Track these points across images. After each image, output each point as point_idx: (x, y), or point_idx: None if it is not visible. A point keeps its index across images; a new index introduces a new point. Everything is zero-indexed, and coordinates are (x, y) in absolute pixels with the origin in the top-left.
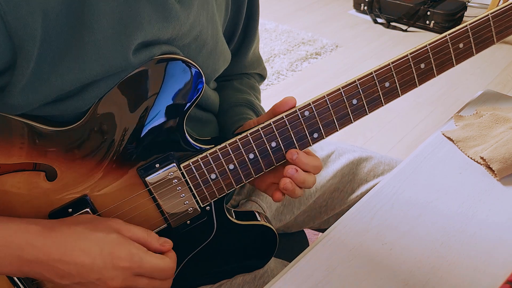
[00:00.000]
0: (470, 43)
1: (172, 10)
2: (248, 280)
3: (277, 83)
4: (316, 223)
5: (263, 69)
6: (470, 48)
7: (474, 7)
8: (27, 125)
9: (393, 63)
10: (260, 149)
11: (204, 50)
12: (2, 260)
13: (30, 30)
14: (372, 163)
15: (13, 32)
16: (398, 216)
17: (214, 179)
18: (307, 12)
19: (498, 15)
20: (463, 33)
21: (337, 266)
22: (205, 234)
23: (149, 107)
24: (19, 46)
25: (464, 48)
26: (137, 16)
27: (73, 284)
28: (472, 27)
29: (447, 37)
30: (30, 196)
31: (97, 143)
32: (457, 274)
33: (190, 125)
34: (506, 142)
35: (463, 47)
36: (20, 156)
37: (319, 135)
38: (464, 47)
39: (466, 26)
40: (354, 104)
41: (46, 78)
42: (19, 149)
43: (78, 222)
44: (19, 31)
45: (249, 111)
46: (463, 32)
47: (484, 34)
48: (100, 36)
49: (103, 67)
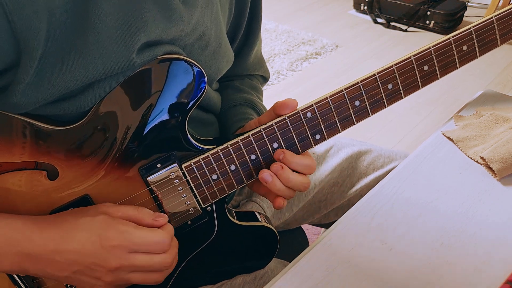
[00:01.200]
0: (474, 45)
1: (176, 10)
2: (249, 281)
3: (277, 83)
4: (316, 218)
5: (266, 71)
6: (474, 51)
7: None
8: (29, 124)
9: (396, 65)
10: (262, 150)
11: (207, 50)
12: (3, 257)
13: (35, 29)
14: (371, 156)
15: (18, 31)
16: (398, 216)
17: (215, 180)
18: (307, 12)
19: (503, 17)
20: (467, 36)
21: (337, 266)
22: (206, 234)
23: (151, 107)
24: (24, 45)
25: (467, 51)
26: (141, 16)
27: (72, 274)
28: (476, 30)
29: (450, 39)
30: (31, 195)
31: (99, 142)
32: (457, 274)
33: (191, 126)
34: (506, 142)
35: (466, 50)
36: (22, 155)
37: (321, 136)
38: (468, 50)
39: (470, 29)
40: (356, 106)
41: (50, 77)
42: (20, 148)
43: (70, 213)
44: (24, 30)
45: (250, 110)
46: (467, 35)
47: (488, 36)
48: (104, 36)
49: (106, 67)
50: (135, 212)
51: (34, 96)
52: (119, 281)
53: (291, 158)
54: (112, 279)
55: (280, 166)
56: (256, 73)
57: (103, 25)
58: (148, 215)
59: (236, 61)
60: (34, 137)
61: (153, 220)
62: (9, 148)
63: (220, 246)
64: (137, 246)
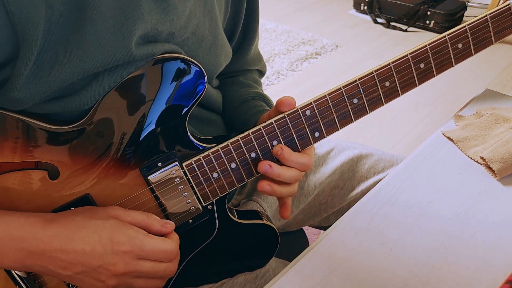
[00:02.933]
0: (469, 43)
1: (170, 1)
2: (250, 279)
3: (277, 83)
4: (316, 221)
5: (263, 66)
6: (469, 48)
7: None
8: (29, 124)
9: (393, 63)
10: (262, 147)
11: (203, 45)
12: (6, 253)
13: (33, 19)
14: (372, 160)
15: (16, 22)
16: (398, 216)
17: (216, 178)
18: (307, 12)
19: (496, 15)
20: (462, 33)
21: (337, 266)
22: (207, 233)
23: (151, 106)
24: (22, 36)
25: (463, 48)
26: (138, 6)
27: (76, 274)
28: (470, 28)
29: (446, 37)
30: (32, 195)
31: (99, 142)
32: (457, 274)
33: (191, 124)
34: (506, 142)
35: (462, 47)
36: (22, 154)
37: (320, 134)
38: (463, 47)
39: (465, 27)
40: (355, 103)
41: (48, 69)
42: (20, 148)
43: (77, 212)
44: (22, 20)
45: (262, 103)
46: (462, 33)
47: (483, 34)
48: (101, 26)
49: (105, 58)
50: (145, 217)
51: (33, 90)
52: (122, 286)
53: (288, 156)
54: (115, 283)
55: (268, 165)
56: (255, 67)
57: (100, 15)
58: (157, 222)
59: (235, 57)
60: (34, 137)
61: (161, 227)
62: (9, 148)
63: (221, 245)
64: (146, 253)
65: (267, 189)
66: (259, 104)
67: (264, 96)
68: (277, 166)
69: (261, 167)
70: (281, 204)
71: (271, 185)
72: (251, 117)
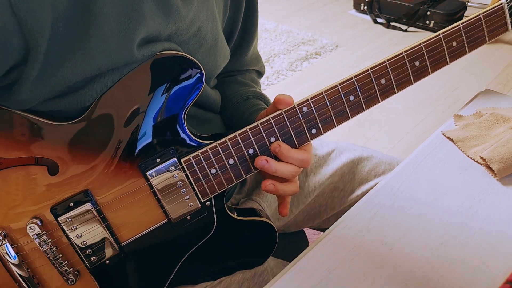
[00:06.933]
0: (463, 41)
1: (174, 6)
2: (248, 277)
3: (277, 83)
4: (316, 223)
5: (262, 66)
6: (463, 47)
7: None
8: (29, 120)
9: (389, 60)
10: (260, 144)
11: (203, 46)
12: None
13: (40, 22)
14: (373, 163)
15: (23, 25)
16: (398, 216)
17: (214, 174)
18: (306, 12)
19: (489, 15)
20: (456, 32)
21: (337, 266)
22: (205, 229)
23: (150, 103)
24: (30, 39)
25: (457, 47)
26: (141, 10)
27: None
28: (464, 26)
29: (440, 35)
30: (32, 190)
31: (99, 137)
32: (457, 274)
33: (190, 123)
34: (506, 142)
35: (456, 46)
36: (22, 150)
37: (317, 130)
38: (457, 46)
39: (459, 25)
40: (351, 101)
41: (54, 72)
42: (20, 144)
43: None
44: (29, 23)
45: (260, 102)
46: (456, 31)
47: (476, 33)
48: (105, 29)
49: (108, 60)
50: None
51: (38, 92)
52: None
53: (287, 152)
54: None
55: (265, 161)
56: (253, 68)
57: (105, 18)
58: None
59: (234, 58)
60: (34, 133)
61: None
62: (9, 143)
63: (219, 242)
64: None
65: (271, 188)
66: (258, 103)
67: (262, 95)
68: (273, 161)
69: (257, 162)
70: (281, 201)
71: (274, 184)
72: (250, 115)
